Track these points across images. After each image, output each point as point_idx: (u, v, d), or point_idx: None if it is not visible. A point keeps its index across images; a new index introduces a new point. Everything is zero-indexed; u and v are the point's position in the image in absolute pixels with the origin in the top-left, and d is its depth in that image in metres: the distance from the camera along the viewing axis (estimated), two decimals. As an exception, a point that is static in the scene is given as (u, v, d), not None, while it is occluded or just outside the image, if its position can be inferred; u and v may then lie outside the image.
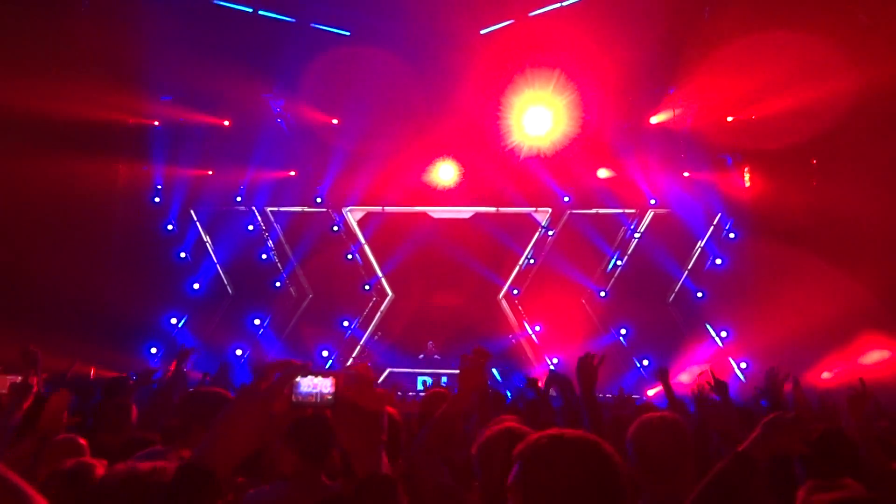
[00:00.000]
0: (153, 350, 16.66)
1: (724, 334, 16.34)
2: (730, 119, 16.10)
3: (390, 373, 17.09)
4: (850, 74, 11.77)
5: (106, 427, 4.74)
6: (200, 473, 1.32)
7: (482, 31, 15.50)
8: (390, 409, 3.36)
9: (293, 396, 1.46)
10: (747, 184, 16.78)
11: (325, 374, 1.49)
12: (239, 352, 16.99)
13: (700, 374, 5.02)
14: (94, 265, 15.77)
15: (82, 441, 3.78)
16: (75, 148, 13.93)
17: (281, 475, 3.14)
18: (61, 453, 3.56)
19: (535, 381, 6.53)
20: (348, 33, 15.65)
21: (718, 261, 16.91)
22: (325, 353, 17.20)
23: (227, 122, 17.36)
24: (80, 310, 14.62)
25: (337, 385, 1.48)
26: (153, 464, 1.65)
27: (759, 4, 13.07)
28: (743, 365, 15.70)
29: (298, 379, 1.47)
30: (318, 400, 1.47)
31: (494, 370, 15.54)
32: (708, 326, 16.77)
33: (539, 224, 18.32)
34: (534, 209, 18.28)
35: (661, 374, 5.57)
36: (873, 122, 12.31)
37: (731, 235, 16.92)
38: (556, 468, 1.66)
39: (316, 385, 1.48)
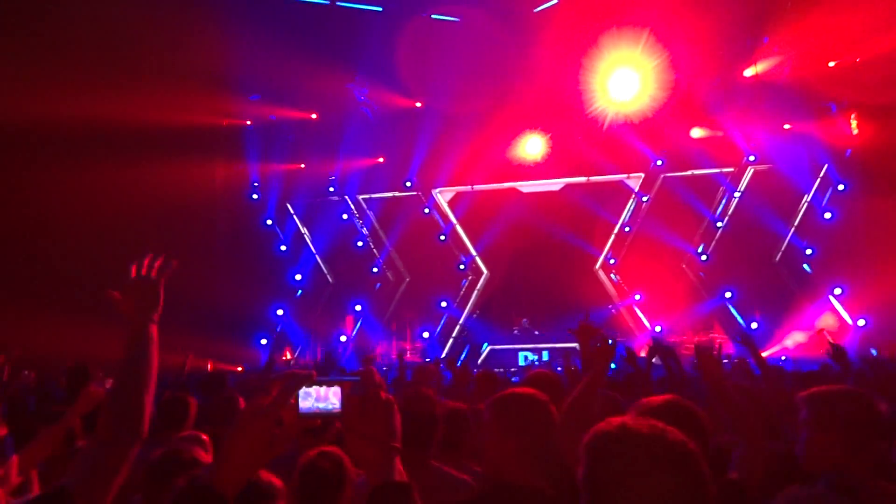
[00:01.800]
0: (263, 341, 17.34)
1: (838, 291, 15.49)
2: (832, 64, 15.12)
3: (491, 349, 17.19)
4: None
5: (217, 421, 4.94)
6: (208, 495, 1.29)
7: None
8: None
9: (299, 408, 1.42)
10: (855, 131, 15.74)
11: (330, 384, 1.44)
12: (343, 338, 17.46)
13: (815, 335, 4.80)
14: (201, 263, 16.47)
15: (205, 437, 3.95)
16: (175, 153, 14.57)
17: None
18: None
19: (633, 355, 6.24)
20: (428, 14, 15.68)
21: (828, 215, 15.96)
22: (425, 335, 17.43)
23: (314, 115, 17.79)
24: (190, 307, 15.33)
25: (343, 394, 1.44)
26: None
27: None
28: (861, 322, 14.85)
29: (304, 389, 1.42)
30: (325, 410, 1.43)
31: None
32: (809, 274, 15.96)
33: (632, 190, 17.85)
34: (626, 175, 17.83)
35: (746, 341, 5.20)
36: None
37: (840, 188, 15.92)
38: (622, 465, 1.43)
39: (322, 395, 1.43)
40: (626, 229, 17.75)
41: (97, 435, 1.84)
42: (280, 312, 18.02)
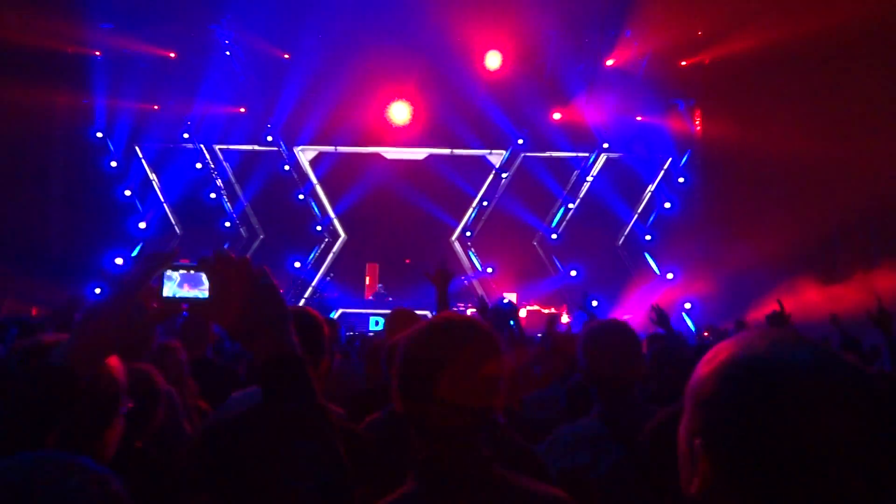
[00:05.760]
0: (97, 290, 16.15)
1: (670, 276, 16.73)
2: (683, 63, 16.25)
3: (343, 313, 17.05)
4: (803, 16, 11.92)
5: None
6: (60, 373, 1.25)
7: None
8: None
9: (164, 290, 1.30)
10: (698, 128, 17.06)
11: (195, 269, 1.30)
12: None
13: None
14: (33, 202, 15.16)
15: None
16: (7, 76, 13.13)
17: None
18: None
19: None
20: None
21: (668, 204, 17.22)
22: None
23: (173, 54, 16.63)
24: (18, 248, 14.07)
25: (210, 275, 1.29)
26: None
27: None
28: (688, 305, 16.12)
29: (169, 272, 1.31)
30: (192, 295, 1.30)
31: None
32: (654, 266, 17.20)
33: (493, 167, 18.31)
34: (488, 151, 18.24)
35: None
36: (825, 63, 12.53)
37: (681, 180, 17.21)
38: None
39: (188, 278, 1.31)
40: (484, 203, 18.20)
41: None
42: (119, 261, 16.87)
